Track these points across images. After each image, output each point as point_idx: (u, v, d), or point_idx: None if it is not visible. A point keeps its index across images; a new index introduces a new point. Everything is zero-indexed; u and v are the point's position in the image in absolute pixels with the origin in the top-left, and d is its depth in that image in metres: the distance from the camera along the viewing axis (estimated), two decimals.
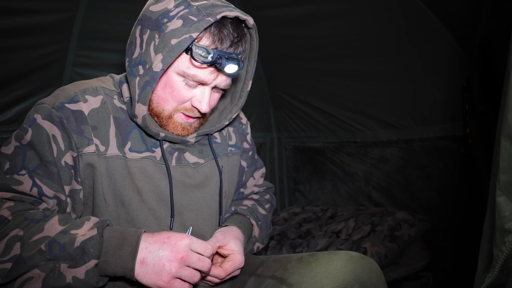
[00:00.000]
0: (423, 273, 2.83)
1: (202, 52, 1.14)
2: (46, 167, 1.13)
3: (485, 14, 2.30)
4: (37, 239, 1.02)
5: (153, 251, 1.05)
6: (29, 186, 1.11)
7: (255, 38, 1.28)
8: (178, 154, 1.34)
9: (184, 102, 1.24)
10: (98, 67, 3.13)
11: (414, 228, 2.91)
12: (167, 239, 1.07)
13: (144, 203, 1.26)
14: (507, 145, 0.94)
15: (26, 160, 1.13)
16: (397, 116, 3.24)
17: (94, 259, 1.02)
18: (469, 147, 2.73)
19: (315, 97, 3.71)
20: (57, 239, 1.01)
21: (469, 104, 2.66)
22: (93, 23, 2.96)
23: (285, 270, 1.24)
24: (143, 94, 1.17)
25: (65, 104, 1.17)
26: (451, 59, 2.72)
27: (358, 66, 3.22)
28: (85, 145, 1.18)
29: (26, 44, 2.67)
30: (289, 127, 4.15)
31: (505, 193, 0.95)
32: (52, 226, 1.05)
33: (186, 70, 1.18)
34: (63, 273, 1.01)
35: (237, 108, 1.41)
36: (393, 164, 3.38)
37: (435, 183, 3.08)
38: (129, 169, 1.24)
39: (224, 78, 1.24)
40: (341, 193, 3.81)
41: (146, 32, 1.18)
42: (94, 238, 1.02)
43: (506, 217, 0.95)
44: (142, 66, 1.17)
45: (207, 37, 1.16)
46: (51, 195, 1.14)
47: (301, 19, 3.13)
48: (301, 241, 3.24)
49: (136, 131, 1.28)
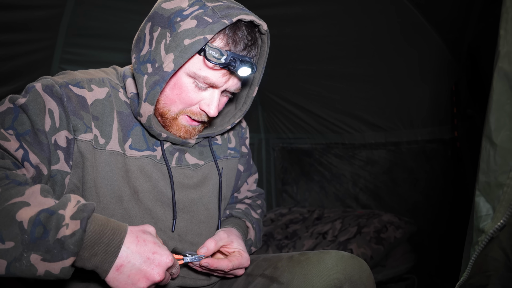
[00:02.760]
0: (408, 275, 2.85)
1: (216, 54, 1.10)
2: (36, 136, 1.06)
3: (474, 18, 2.31)
4: (16, 203, 0.93)
5: (133, 262, 0.99)
6: (15, 146, 1.03)
7: (266, 44, 1.25)
8: (178, 155, 1.31)
9: (192, 105, 1.20)
10: (85, 65, 3.07)
11: (400, 231, 2.93)
12: (152, 255, 1.02)
13: (141, 202, 1.22)
14: (487, 146, 0.96)
15: (16, 122, 1.06)
16: (385, 118, 3.25)
17: (73, 257, 0.93)
18: (456, 151, 2.75)
19: (304, 98, 3.71)
20: (44, 222, 0.92)
21: (457, 107, 2.68)
22: (81, 20, 2.92)
23: (276, 269, 1.24)
24: (151, 94, 1.14)
25: (70, 85, 1.13)
26: (440, 63, 2.74)
27: (347, 68, 3.23)
28: (82, 131, 1.12)
29: (12, 40, 2.62)
30: (277, 128, 4.15)
31: (483, 193, 0.97)
32: (33, 194, 0.96)
33: (198, 72, 1.14)
34: (35, 265, 0.91)
35: (240, 114, 1.38)
36: (381, 166, 3.40)
37: (422, 186, 3.10)
38: (127, 167, 1.20)
39: (236, 81, 1.20)
40: (329, 194, 3.82)
41: (157, 29, 1.14)
42: (76, 234, 0.92)
43: (481, 217, 0.97)
44: (151, 64, 1.13)
45: (221, 39, 1.12)
46: (34, 163, 1.05)
47: (290, 19, 3.13)
48: (287, 242, 3.24)
49: (138, 128, 1.24)
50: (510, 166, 0.88)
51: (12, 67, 2.69)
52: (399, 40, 2.83)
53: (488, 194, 0.94)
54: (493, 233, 0.92)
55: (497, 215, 0.91)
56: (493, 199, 0.93)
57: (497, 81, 0.94)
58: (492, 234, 0.92)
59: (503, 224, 0.91)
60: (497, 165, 0.91)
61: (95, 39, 3.05)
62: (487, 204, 0.94)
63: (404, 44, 2.84)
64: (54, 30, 2.86)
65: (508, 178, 0.89)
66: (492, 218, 0.93)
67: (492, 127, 0.94)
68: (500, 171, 0.91)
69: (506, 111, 0.91)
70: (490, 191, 0.93)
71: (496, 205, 0.92)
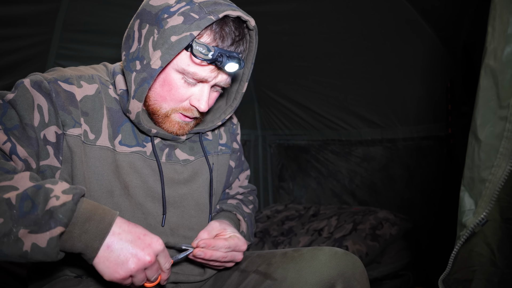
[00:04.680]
0: (404, 272, 2.85)
1: (203, 50, 1.10)
2: (24, 130, 1.07)
3: (469, 16, 2.31)
4: (3, 186, 0.93)
5: (124, 240, 0.98)
6: (3, 139, 1.04)
7: (255, 40, 1.25)
8: (168, 151, 1.31)
9: (182, 101, 1.20)
10: (81, 60, 3.08)
11: (396, 227, 2.94)
12: (143, 236, 1.01)
13: (131, 197, 1.22)
14: (472, 142, 0.97)
15: (5, 117, 1.07)
16: (382, 115, 3.25)
17: (61, 227, 0.91)
18: (451, 147, 2.76)
19: (300, 95, 3.71)
20: (32, 196, 0.91)
21: (452, 104, 2.68)
22: (77, 15, 2.91)
23: (269, 265, 1.25)
24: (139, 91, 1.14)
25: (59, 81, 1.13)
26: (436, 60, 2.74)
27: (343, 64, 3.23)
28: (70, 126, 1.13)
29: (8, 35, 2.62)
30: (274, 125, 4.15)
31: (467, 188, 0.98)
32: (22, 179, 0.96)
33: (186, 68, 1.14)
34: (21, 238, 0.89)
35: (231, 109, 1.38)
36: (377, 163, 3.40)
37: (418, 183, 3.10)
38: (117, 162, 1.20)
39: (225, 76, 1.21)
40: (325, 191, 3.82)
41: (145, 26, 1.14)
42: (67, 204, 0.92)
43: (464, 212, 0.99)
44: (140, 61, 1.14)
45: (208, 35, 1.12)
46: (22, 156, 1.05)
47: (287, 16, 3.13)
48: (283, 238, 3.24)
49: (128, 124, 1.24)
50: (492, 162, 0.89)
51: (7, 62, 2.68)
52: (395, 37, 2.83)
53: (472, 189, 0.95)
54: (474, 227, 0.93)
55: (478, 210, 0.92)
56: (476, 194, 0.93)
57: (483, 78, 0.94)
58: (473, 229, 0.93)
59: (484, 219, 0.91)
60: (480, 161, 0.92)
61: (91, 34, 3.04)
62: (470, 199, 0.95)
63: (400, 41, 2.84)
64: (50, 25, 2.85)
65: (491, 173, 0.89)
66: (474, 213, 0.93)
67: (477, 123, 0.94)
68: (483, 167, 0.91)
69: (491, 107, 0.91)
70: (473, 186, 0.94)
71: (478, 200, 0.93)
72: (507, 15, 0.91)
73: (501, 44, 0.91)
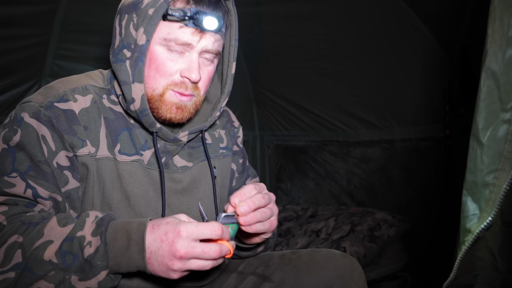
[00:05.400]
0: (402, 273, 2.85)
1: (179, 14, 1.10)
2: (38, 168, 1.06)
3: (467, 17, 2.32)
4: (39, 245, 0.96)
5: (154, 251, 0.97)
6: (23, 188, 1.04)
7: (233, 12, 1.22)
8: (166, 160, 1.27)
9: (172, 75, 1.16)
10: (79, 60, 3.08)
11: (394, 229, 2.93)
12: (165, 235, 0.96)
13: (132, 208, 1.19)
14: (474, 145, 0.96)
15: (16, 163, 1.06)
16: (380, 116, 3.25)
17: (104, 270, 0.96)
18: (448, 149, 2.76)
19: (299, 96, 3.71)
20: (69, 250, 0.95)
21: (449, 106, 2.68)
22: (75, 16, 2.90)
23: (267, 267, 1.24)
24: (136, 72, 1.13)
25: (55, 103, 1.11)
26: (433, 61, 2.74)
27: (341, 65, 3.23)
28: (79, 147, 1.12)
29: (6, 36, 2.61)
30: (272, 125, 4.14)
31: (469, 193, 0.97)
32: (52, 229, 0.98)
33: (167, 36, 1.13)
34: (75, 285, 0.96)
35: (224, 96, 1.33)
36: (375, 164, 3.40)
37: (416, 184, 3.11)
38: (119, 171, 1.18)
39: (211, 40, 1.16)
40: (323, 191, 3.82)
41: (124, 17, 1.15)
42: (99, 249, 0.95)
43: (468, 216, 0.98)
44: (127, 48, 1.14)
45: (181, 1, 1.12)
46: (46, 196, 1.06)
47: (285, 17, 3.13)
48: (281, 239, 3.24)
49: (125, 133, 1.21)
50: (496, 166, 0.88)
51: (5, 62, 2.68)
52: (393, 38, 2.83)
53: (475, 193, 0.94)
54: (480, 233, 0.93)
55: (483, 215, 0.92)
56: (479, 198, 0.93)
57: (484, 80, 0.94)
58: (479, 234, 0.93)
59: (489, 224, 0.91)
60: (484, 165, 0.91)
61: (89, 34, 3.04)
62: (474, 204, 0.95)
63: (398, 43, 2.84)
64: (48, 25, 2.84)
65: (495, 178, 0.89)
66: (478, 218, 0.93)
67: (479, 126, 0.94)
68: (487, 171, 0.91)
69: (493, 110, 0.91)
70: (476, 190, 0.93)
71: (482, 205, 0.92)
72: (508, 18, 0.91)
73: (502, 47, 0.91)
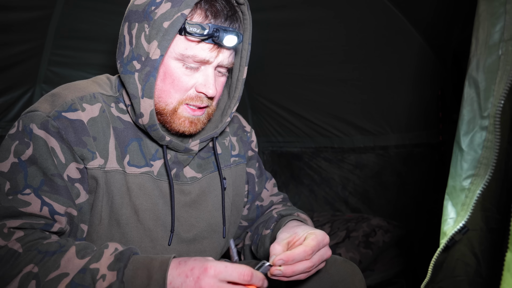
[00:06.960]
0: (397, 279, 2.85)
1: (197, 29, 1.06)
2: (52, 182, 1.04)
3: (459, 25, 2.33)
4: (54, 278, 0.92)
5: (177, 287, 0.92)
6: (38, 206, 1.01)
7: (248, 16, 1.19)
8: (176, 171, 1.24)
9: (187, 90, 1.13)
10: (73, 67, 3.09)
11: (389, 235, 2.93)
12: (190, 271, 0.93)
13: (141, 223, 1.16)
14: (456, 151, 0.97)
15: (29, 178, 1.02)
16: (374, 122, 3.26)
17: None
18: (442, 155, 2.76)
19: (293, 102, 3.72)
20: (80, 282, 0.92)
21: (442, 112, 2.69)
22: (69, 22, 2.92)
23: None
24: (146, 87, 1.08)
25: (63, 113, 1.07)
26: (427, 68, 2.75)
27: (336, 72, 3.24)
28: (89, 159, 1.09)
29: (0, 42, 2.62)
30: (267, 132, 4.15)
31: (450, 197, 0.99)
32: (69, 261, 0.95)
33: (184, 52, 1.09)
34: None
35: (235, 101, 1.30)
36: (370, 170, 3.40)
37: (410, 189, 3.11)
38: (128, 185, 1.15)
39: (227, 54, 1.14)
40: (318, 198, 3.82)
41: (135, 26, 1.10)
42: (113, 286, 0.91)
43: (446, 220, 1.00)
44: (137, 60, 1.09)
45: (199, 14, 1.08)
46: (62, 212, 1.04)
47: (280, 24, 3.14)
48: None
49: (135, 144, 1.18)
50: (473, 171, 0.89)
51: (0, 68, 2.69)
52: (387, 45, 2.84)
53: (454, 198, 0.96)
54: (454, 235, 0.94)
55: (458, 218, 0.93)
56: (457, 203, 0.95)
57: (467, 88, 0.95)
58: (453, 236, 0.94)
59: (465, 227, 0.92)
60: (462, 170, 0.93)
61: (84, 41, 3.06)
62: (453, 208, 0.96)
63: (391, 50, 2.85)
64: (42, 32, 2.86)
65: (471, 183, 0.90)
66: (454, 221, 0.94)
67: (461, 133, 0.95)
68: (465, 176, 0.92)
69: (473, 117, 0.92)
70: (455, 195, 0.95)
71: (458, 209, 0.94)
72: (489, 27, 0.92)
73: (483, 55, 0.92)
